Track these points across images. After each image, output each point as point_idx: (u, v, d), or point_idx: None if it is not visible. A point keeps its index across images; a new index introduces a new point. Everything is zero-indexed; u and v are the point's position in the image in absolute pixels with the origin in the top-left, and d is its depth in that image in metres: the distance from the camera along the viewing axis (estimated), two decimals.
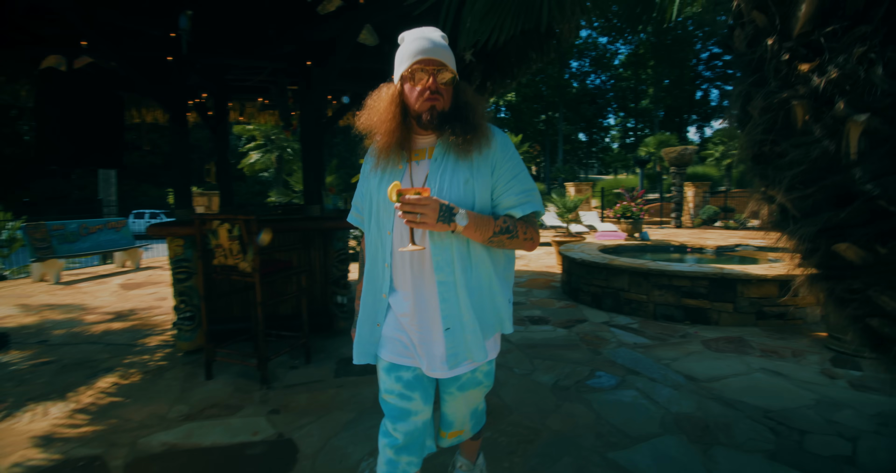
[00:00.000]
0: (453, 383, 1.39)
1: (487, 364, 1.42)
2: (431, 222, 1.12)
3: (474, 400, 1.48)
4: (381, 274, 1.32)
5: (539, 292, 5.56)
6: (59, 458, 2.09)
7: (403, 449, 1.32)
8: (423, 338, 1.28)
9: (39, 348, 3.63)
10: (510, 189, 1.26)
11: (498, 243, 1.24)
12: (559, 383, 2.89)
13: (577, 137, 41.89)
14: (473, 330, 1.27)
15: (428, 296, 1.26)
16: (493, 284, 1.32)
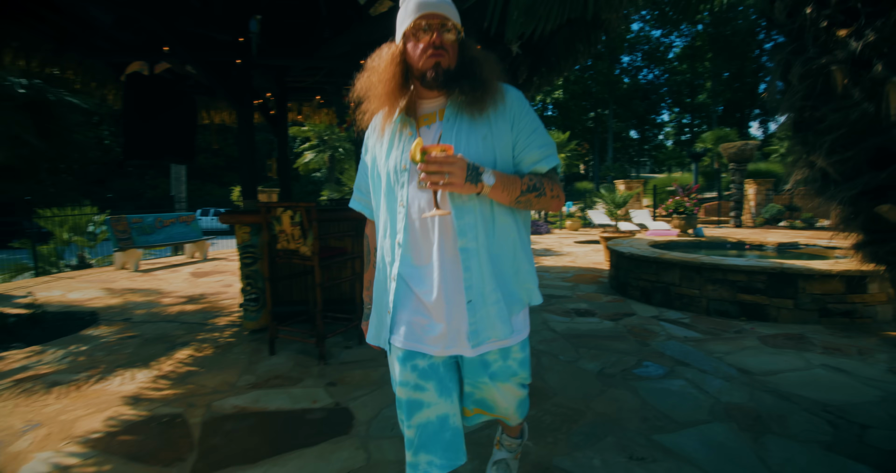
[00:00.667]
0: (482, 371, 1.23)
1: (521, 350, 1.26)
2: (459, 181, 1.02)
3: (513, 394, 1.31)
4: (395, 252, 1.20)
5: (585, 287, 5.53)
6: (146, 414, 2.36)
7: (421, 447, 1.19)
8: (447, 314, 1.15)
9: (124, 324, 4.04)
10: (532, 143, 1.17)
11: (525, 202, 1.15)
12: (605, 370, 2.91)
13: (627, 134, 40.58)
14: (497, 303, 1.16)
15: (450, 266, 1.14)
16: (518, 250, 1.23)
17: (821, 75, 0.89)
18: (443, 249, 1.15)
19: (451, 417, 1.21)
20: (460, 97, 1.13)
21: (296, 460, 1.93)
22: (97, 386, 2.71)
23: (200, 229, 8.42)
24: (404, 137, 1.18)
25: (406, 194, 1.16)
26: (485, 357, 1.21)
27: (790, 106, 0.96)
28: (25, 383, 2.76)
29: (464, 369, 1.26)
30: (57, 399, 2.53)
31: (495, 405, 1.32)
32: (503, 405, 1.32)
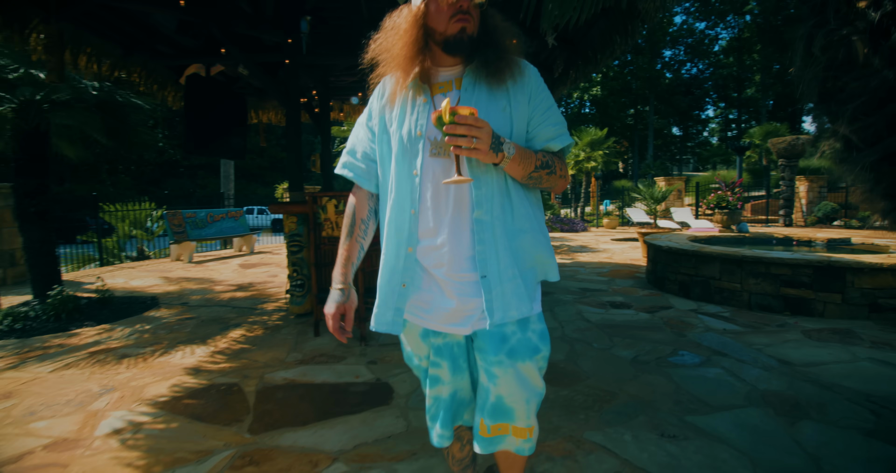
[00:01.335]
0: (500, 347, 1.12)
1: (539, 321, 1.18)
2: (485, 147, 0.98)
3: (533, 379, 1.15)
4: (406, 224, 1.14)
5: (622, 282, 5.49)
6: (205, 383, 2.58)
7: (435, 418, 1.29)
8: (461, 289, 1.11)
9: (182, 308, 4.35)
10: (547, 120, 1.14)
11: (536, 179, 1.12)
12: (639, 357, 2.93)
13: (669, 131, 39.33)
14: (513, 279, 1.11)
15: (463, 239, 1.11)
16: (534, 226, 1.18)
17: (842, 46, 0.93)
18: (457, 220, 1.11)
19: (460, 392, 1.29)
20: (480, 66, 1.10)
21: (342, 424, 2.08)
22: (161, 359, 2.97)
23: (248, 223, 8.86)
24: (418, 104, 1.13)
25: (420, 163, 1.11)
26: (503, 330, 1.13)
27: (814, 77, 1.00)
28: (98, 355, 3.06)
29: (479, 350, 1.16)
30: (127, 369, 2.80)
31: (514, 405, 1.14)
32: (518, 396, 1.13)
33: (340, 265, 1.22)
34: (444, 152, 1.09)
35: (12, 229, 5.71)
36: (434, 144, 1.10)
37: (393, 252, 1.17)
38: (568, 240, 10.58)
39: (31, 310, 3.83)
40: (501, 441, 1.19)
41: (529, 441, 1.20)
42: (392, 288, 1.17)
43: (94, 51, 4.35)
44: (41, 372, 2.75)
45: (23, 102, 4.17)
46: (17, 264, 5.81)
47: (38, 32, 3.77)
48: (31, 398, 2.40)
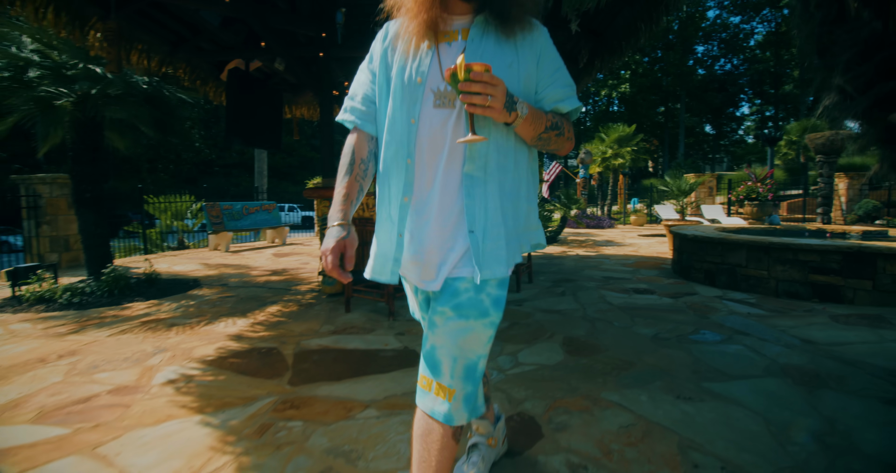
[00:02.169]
0: (449, 299, 1.07)
1: (498, 287, 1.10)
2: (499, 106, 0.96)
3: (473, 341, 1.07)
4: (402, 174, 1.12)
5: (646, 272, 5.50)
6: (247, 347, 2.78)
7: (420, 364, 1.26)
8: (441, 244, 1.09)
9: (222, 288, 4.62)
10: (557, 80, 1.12)
11: (545, 140, 1.10)
12: (659, 335, 2.99)
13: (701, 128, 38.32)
14: (496, 240, 1.08)
15: (450, 193, 1.08)
16: (530, 192, 1.18)
17: (835, 2, 1.02)
18: (449, 173, 1.08)
19: None
20: (490, 17, 1.07)
21: (372, 381, 2.24)
22: (206, 328, 3.20)
23: (280, 216, 9.20)
24: (422, 50, 1.10)
25: (419, 111, 1.09)
26: (456, 284, 1.08)
27: (811, 33, 1.09)
28: (149, 323, 3.32)
29: (433, 298, 1.15)
30: (176, 334, 3.04)
31: (440, 358, 1.08)
32: (449, 355, 1.07)
33: (339, 203, 1.15)
34: (447, 103, 1.07)
35: (67, 216, 6.15)
36: (438, 95, 1.08)
37: (389, 202, 1.16)
38: (593, 235, 10.54)
39: (87, 286, 4.15)
40: (424, 396, 1.11)
41: (447, 404, 1.07)
42: (390, 238, 1.15)
43: (144, 47, 4.67)
44: (100, 336, 3.02)
45: (80, 96, 4.51)
46: (70, 249, 6.25)
47: (95, 30, 4.10)
48: (92, 355, 2.65)
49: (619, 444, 1.68)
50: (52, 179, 6.10)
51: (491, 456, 1.53)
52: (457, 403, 1.08)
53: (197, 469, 1.53)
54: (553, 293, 4.21)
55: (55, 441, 1.71)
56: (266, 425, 1.82)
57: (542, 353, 2.64)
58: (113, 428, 1.80)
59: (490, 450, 1.52)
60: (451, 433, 1.10)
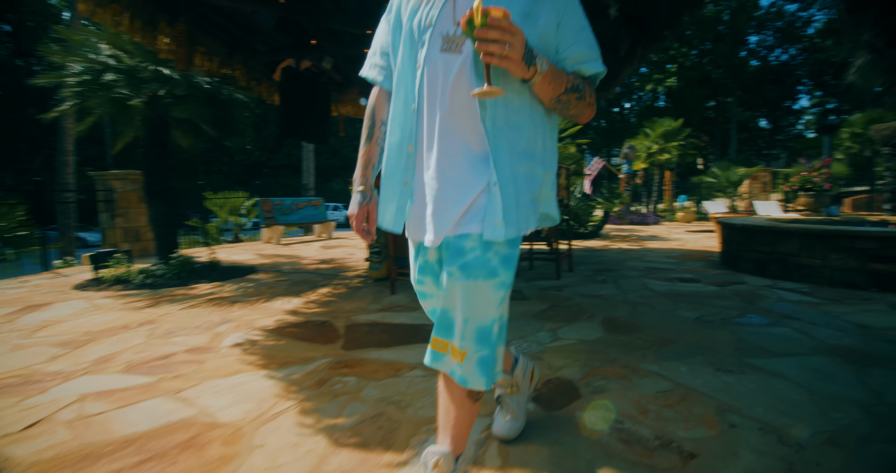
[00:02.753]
0: (455, 259, 1.03)
1: (508, 246, 1.05)
2: (517, 56, 0.89)
3: (483, 302, 1.02)
4: (408, 121, 1.09)
5: (692, 263, 5.38)
6: (302, 319, 3.00)
7: (433, 327, 1.17)
8: (439, 197, 1.05)
9: (276, 274, 4.92)
10: (581, 40, 1.04)
11: (564, 103, 1.03)
12: (702, 318, 2.97)
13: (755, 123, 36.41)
14: (504, 196, 1.02)
15: (454, 144, 1.04)
16: (545, 156, 1.12)
17: None
18: (453, 123, 1.04)
19: None
20: None
21: (418, 348, 2.38)
22: (265, 304, 3.45)
23: (327, 211, 9.59)
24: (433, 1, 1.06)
25: (424, 55, 1.05)
26: (462, 243, 1.04)
27: None
28: (214, 300, 3.61)
29: (442, 260, 1.11)
30: (239, 309, 3.30)
31: (452, 318, 1.04)
32: (460, 315, 1.03)
33: (360, 168, 1.22)
34: (454, 48, 1.02)
35: (138, 209, 6.69)
36: (445, 40, 1.03)
37: (395, 150, 1.13)
38: (637, 231, 10.32)
39: (158, 269, 4.54)
40: (440, 359, 1.07)
41: (460, 367, 1.04)
42: (394, 186, 1.13)
43: (206, 50, 5.04)
44: (172, 310, 3.32)
45: (150, 96, 4.94)
46: (140, 239, 6.79)
47: (164, 34, 4.48)
48: (167, 324, 2.94)
49: (655, 405, 1.73)
50: (125, 175, 6.66)
51: (520, 402, 1.51)
52: (469, 365, 1.04)
53: (265, 410, 1.71)
54: (594, 281, 4.23)
55: (143, 387, 1.95)
56: (323, 379, 1.99)
57: (581, 330, 2.70)
58: (191, 379, 2.03)
59: (513, 398, 1.50)
60: (467, 393, 1.09)
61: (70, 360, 2.29)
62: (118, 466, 1.37)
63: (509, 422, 1.49)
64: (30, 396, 1.88)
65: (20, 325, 2.97)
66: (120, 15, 3.88)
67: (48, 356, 2.35)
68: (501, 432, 1.48)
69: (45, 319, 3.12)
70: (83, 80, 4.77)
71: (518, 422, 1.51)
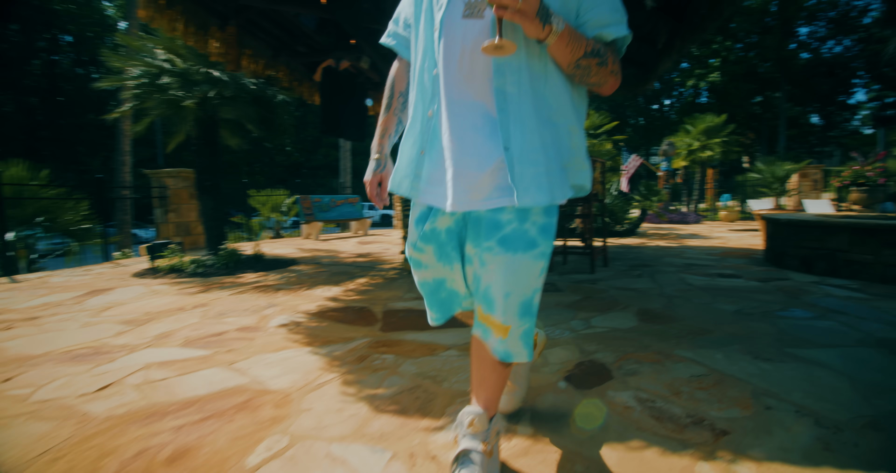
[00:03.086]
0: (492, 233, 1.03)
1: (545, 215, 1.05)
2: (532, 10, 0.87)
3: (524, 275, 1.04)
4: (429, 86, 1.07)
5: (734, 260, 5.23)
6: (342, 305, 3.13)
7: (425, 299, 1.30)
8: (459, 162, 1.02)
9: (316, 265, 5.12)
10: (602, 3, 1.01)
11: (584, 69, 0.99)
12: (742, 310, 2.91)
13: (806, 119, 34.54)
14: (534, 162, 1.00)
15: (481, 110, 1.02)
16: (573, 121, 1.07)
17: None
18: (476, 88, 1.02)
19: (447, 281, 1.22)
20: None
21: (453, 331, 2.46)
22: (307, 292, 3.62)
23: (363, 208, 9.82)
24: None
25: (445, 22, 1.03)
26: (497, 216, 1.04)
27: None
28: (260, 287, 3.81)
29: (472, 236, 1.11)
30: (283, 295, 3.48)
31: (495, 294, 1.05)
32: (502, 290, 1.04)
33: (378, 137, 1.25)
34: (476, 13, 1.01)
35: (189, 205, 7.07)
36: (468, 6, 1.02)
37: (416, 116, 1.12)
38: (677, 229, 10.05)
39: (208, 260, 4.81)
40: (488, 334, 1.11)
41: (504, 342, 1.08)
42: (412, 154, 1.13)
43: (252, 52, 5.30)
44: (222, 295, 3.54)
45: (202, 97, 5.23)
46: (191, 233, 7.19)
47: (214, 38, 4.74)
48: (219, 306, 3.14)
49: (689, 387, 1.74)
50: (177, 172, 7.06)
51: (523, 372, 1.52)
52: (513, 340, 1.08)
53: (311, 380, 1.83)
54: (629, 275, 4.19)
55: (200, 359, 2.11)
56: (364, 356, 2.10)
57: (615, 320, 2.71)
58: (242, 353, 2.18)
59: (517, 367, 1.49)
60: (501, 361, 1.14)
61: (133, 335, 2.50)
62: (182, 422, 1.51)
63: (506, 395, 1.47)
64: (100, 364, 2.07)
65: (87, 306, 3.24)
66: (175, 20, 4.14)
67: (114, 332, 2.56)
68: (502, 405, 1.45)
69: (109, 301, 3.38)
70: (141, 82, 5.10)
71: (519, 393, 1.51)
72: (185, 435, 1.42)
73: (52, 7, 25.19)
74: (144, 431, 1.46)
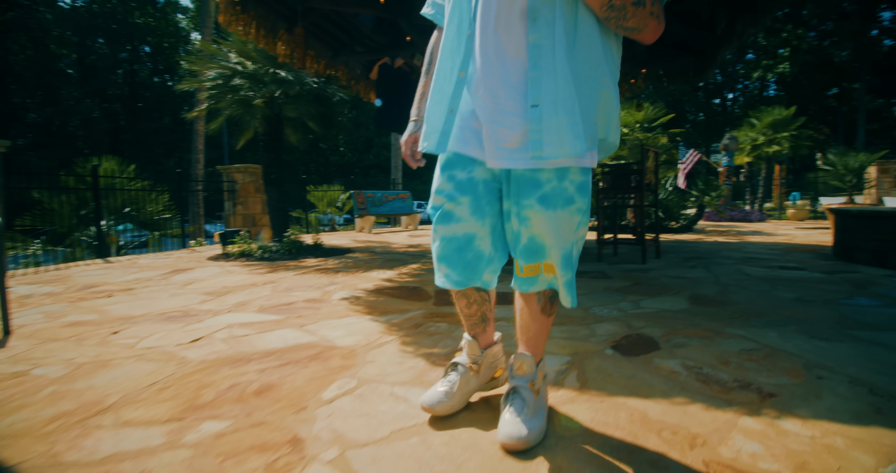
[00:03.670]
0: (533, 192, 1.09)
1: (581, 173, 1.10)
2: None
3: (564, 229, 1.11)
4: (462, 46, 1.10)
5: (799, 255, 4.99)
6: (397, 285, 3.32)
7: (442, 259, 1.21)
8: (495, 115, 1.05)
9: (370, 253, 5.38)
10: None
11: (619, 10, 0.98)
12: (802, 298, 2.83)
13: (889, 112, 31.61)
14: (570, 113, 1.01)
15: (511, 63, 1.04)
16: (605, 73, 1.07)
17: None
18: (510, 44, 1.04)
19: (477, 239, 1.19)
20: None
21: (502, 307, 2.56)
22: (364, 273, 3.85)
23: (413, 204, 10.10)
24: None
25: None
26: (537, 176, 1.09)
27: None
28: (321, 270, 4.08)
29: (512, 194, 1.14)
30: (342, 276, 3.73)
31: (544, 244, 1.13)
32: (548, 239, 1.12)
33: (417, 101, 1.32)
34: None
35: (254, 198, 7.59)
36: None
37: (445, 75, 1.14)
38: (738, 227, 9.61)
39: (274, 246, 5.19)
40: (534, 282, 1.18)
41: (554, 279, 1.17)
42: (440, 112, 1.15)
43: (314, 53, 5.64)
44: (288, 275, 3.83)
45: (269, 96, 5.63)
46: (256, 224, 7.71)
47: (281, 41, 5.10)
48: (286, 283, 3.42)
49: (738, 359, 1.77)
50: (245, 168, 7.61)
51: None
52: (560, 282, 1.16)
53: (373, 340, 2.01)
54: (683, 266, 4.13)
55: (274, 321, 2.35)
56: (419, 323, 2.26)
57: (665, 302, 2.72)
58: (310, 319, 2.40)
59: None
60: (541, 308, 1.23)
61: (215, 303, 2.79)
62: (264, 366, 1.72)
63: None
64: (190, 323, 2.35)
65: (173, 281, 3.62)
66: (248, 25, 4.51)
67: (198, 300, 2.88)
68: None
69: (190, 278, 3.76)
70: (216, 84, 5.57)
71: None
72: (268, 376, 1.63)
73: (133, 21, 27.51)
74: (234, 371, 1.68)
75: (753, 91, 31.80)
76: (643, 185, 4.29)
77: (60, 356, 1.89)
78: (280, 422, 1.30)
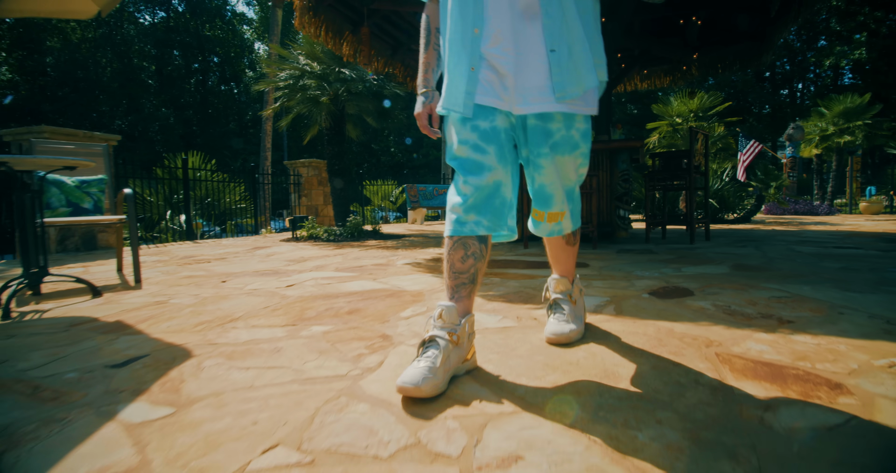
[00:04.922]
0: (544, 140, 1.21)
1: (584, 121, 1.25)
2: None
3: (567, 170, 1.28)
4: (469, 5, 1.15)
5: (860, 239, 4.86)
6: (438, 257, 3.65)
7: (472, 208, 1.18)
8: (517, 65, 1.15)
9: (424, 238, 5.78)
10: None
11: None
12: (848, 267, 2.88)
13: None
14: (584, 53, 1.16)
15: (527, 13, 1.14)
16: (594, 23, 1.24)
17: None
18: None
19: (503, 186, 1.20)
20: None
21: (542, 272, 2.83)
22: (421, 250, 4.23)
23: None
24: None
25: None
26: (548, 125, 1.21)
27: None
28: (382, 247, 4.50)
29: (528, 142, 1.26)
30: (402, 251, 4.12)
31: (553, 191, 1.30)
32: (557, 186, 1.29)
33: (422, 73, 1.30)
34: None
35: (317, 190, 8.20)
36: None
37: (458, 37, 1.16)
38: (801, 218, 9.22)
39: (338, 229, 5.69)
40: (538, 225, 1.41)
41: (559, 224, 1.38)
42: (461, 72, 1.16)
43: (374, 52, 6.10)
44: (354, 251, 4.27)
45: (334, 94, 6.15)
46: (319, 214, 8.33)
47: (347, 42, 5.58)
48: (354, 254, 3.85)
49: (766, 301, 1.94)
50: (309, 162, 8.24)
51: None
52: (567, 221, 1.39)
53: (436, 288, 2.35)
54: (732, 246, 4.19)
55: (350, 276, 2.74)
56: None
57: (707, 269, 2.87)
58: (380, 275, 2.78)
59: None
60: (564, 240, 1.48)
61: (297, 266, 3.24)
62: (350, 299, 2.10)
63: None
64: (282, 277, 2.79)
65: (257, 254, 4.14)
66: (319, 27, 5.01)
67: (283, 264, 3.34)
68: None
69: (270, 252, 4.27)
70: (288, 84, 6.16)
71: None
72: (355, 304, 2.00)
73: (204, 33, 29.71)
74: (327, 302, 2.07)
75: (826, 80, 29.67)
76: (692, 167, 4.38)
77: (188, 292, 2.36)
78: (370, 327, 1.65)
